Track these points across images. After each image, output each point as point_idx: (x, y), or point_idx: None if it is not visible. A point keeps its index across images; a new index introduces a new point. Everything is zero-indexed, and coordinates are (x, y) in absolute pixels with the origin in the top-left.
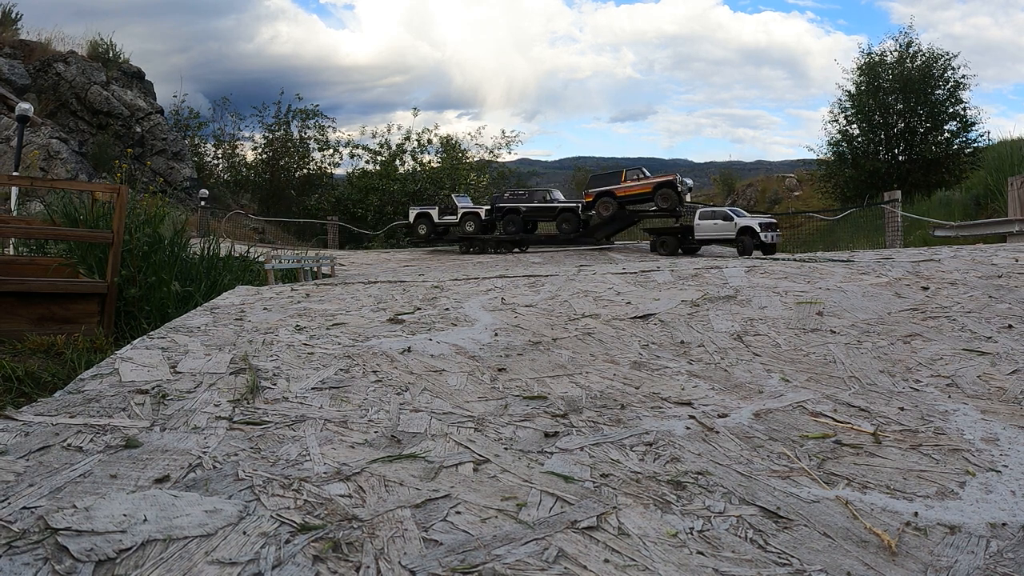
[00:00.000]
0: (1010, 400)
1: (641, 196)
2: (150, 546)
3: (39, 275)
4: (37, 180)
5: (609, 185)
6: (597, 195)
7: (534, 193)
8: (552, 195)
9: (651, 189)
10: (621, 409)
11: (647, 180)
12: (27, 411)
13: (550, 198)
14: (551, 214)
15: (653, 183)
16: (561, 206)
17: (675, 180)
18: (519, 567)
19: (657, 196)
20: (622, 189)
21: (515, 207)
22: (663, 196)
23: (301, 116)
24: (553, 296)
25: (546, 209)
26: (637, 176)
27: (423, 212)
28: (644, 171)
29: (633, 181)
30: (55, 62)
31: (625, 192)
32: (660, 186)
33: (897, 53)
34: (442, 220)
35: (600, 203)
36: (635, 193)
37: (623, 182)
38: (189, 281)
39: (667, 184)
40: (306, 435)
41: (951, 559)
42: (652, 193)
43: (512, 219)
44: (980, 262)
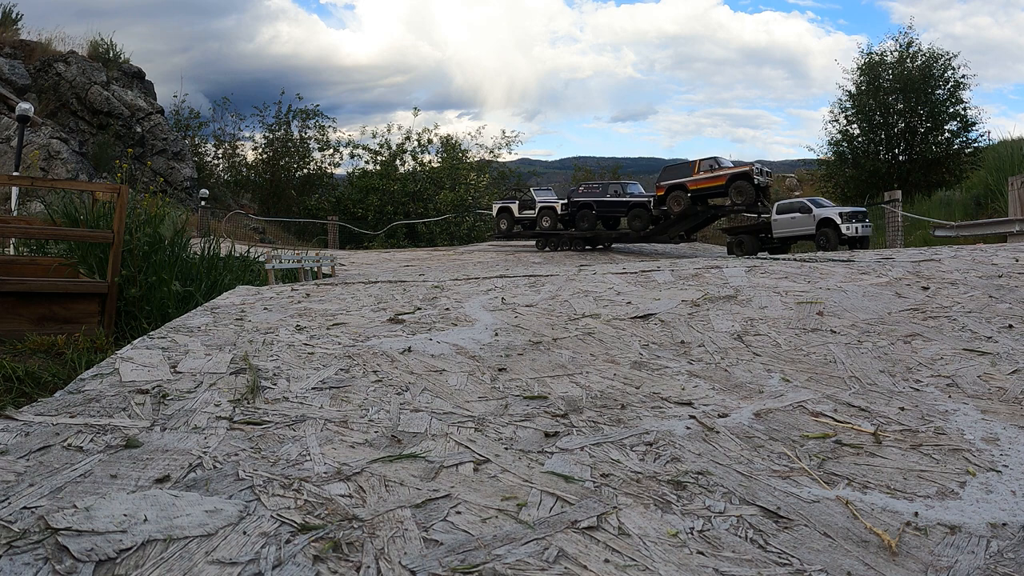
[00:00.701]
0: (1010, 400)
1: (715, 190)
2: (150, 546)
3: (40, 275)
4: (37, 180)
5: (681, 177)
6: (668, 188)
7: (608, 186)
8: (627, 188)
9: (724, 182)
10: (621, 409)
11: (721, 171)
12: (27, 411)
13: (624, 191)
14: (624, 209)
15: (727, 175)
16: (634, 201)
17: (751, 171)
18: (519, 567)
19: (731, 190)
20: (694, 182)
21: (588, 202)
22: (737, 190)
23: (301, 116)
24: (553, 296)
25: (619, 204)
26: (711, 167)
27: (504, 207)
28: (719, 161)
29: (706, 172)
30: (55, 62)
31: (697, 185)
32: (734, 178)
33: (897, 53)
34: (522, 215)
35: (671, 197)
36: (708, 186)
37: (695, 174)
38: (189, 281)
39: (742, 176)
40: (306, 435)
41: (951, 559)
42: (726, 186)
43: (585, 215)
44: (980, 262)
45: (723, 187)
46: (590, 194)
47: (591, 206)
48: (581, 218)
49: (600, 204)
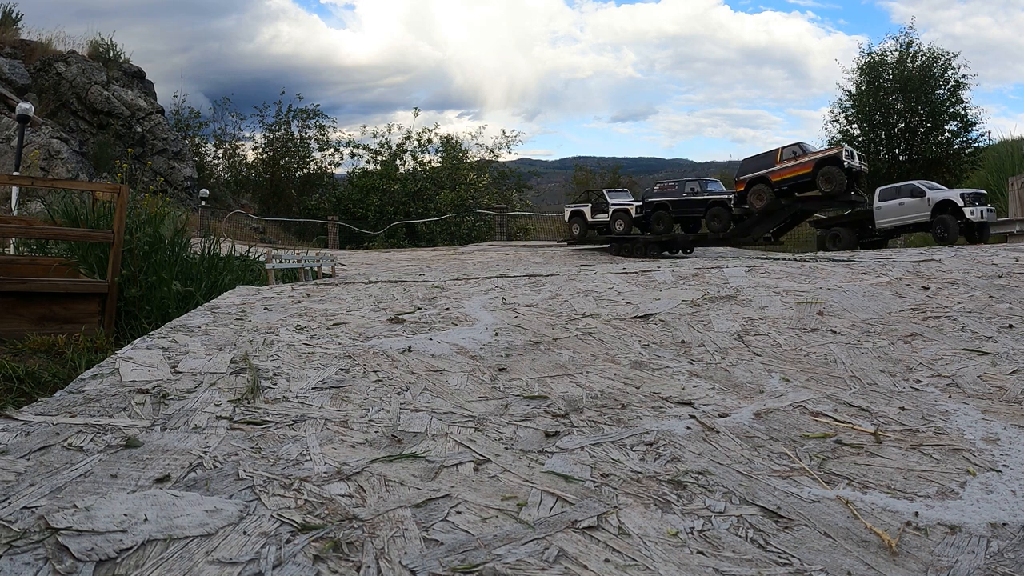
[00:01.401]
0: (1011, 400)
1: (801, 179)
2: (150, 546)
3: (40, 275)
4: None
5: (762, 168)
6: (749, 183)
7: (684, 183)
8: (707, 185)
9: (811, 169)
10: (622, 409)
11: (806, 158)
12: (28, 411)
13: (702, 189)
14: (702, 209)
15: (813, 160)
16: (712, 199)
17: (840, 153)
18: (519, 567)
19: (818, 178)
20: (777, 172)
21: (664, 202)
22: (825, 177)
23: (302, 116)
24: (554, 296)
25: (696, 203)
26: (794, 154)
27: (577, 210)
28: (803, 146)
29: (789, 161)
30: (56, 62)
31: (781, 176)
32: (821, 164)
33: (898, 53)
34: (595, 219)
35: (752, 192)
36: (793, 176)
37: (778, 163)
38: (190, 281)
39: (830, 160)
40: (306, 435)
41: (952, 559)
42: (813, 174)
43: (661, 216)
44: (981, 262)
45: (810, 175)
46: (665, 194)
47: (666, 207)
48: (656, 220)
49: (676, 204)
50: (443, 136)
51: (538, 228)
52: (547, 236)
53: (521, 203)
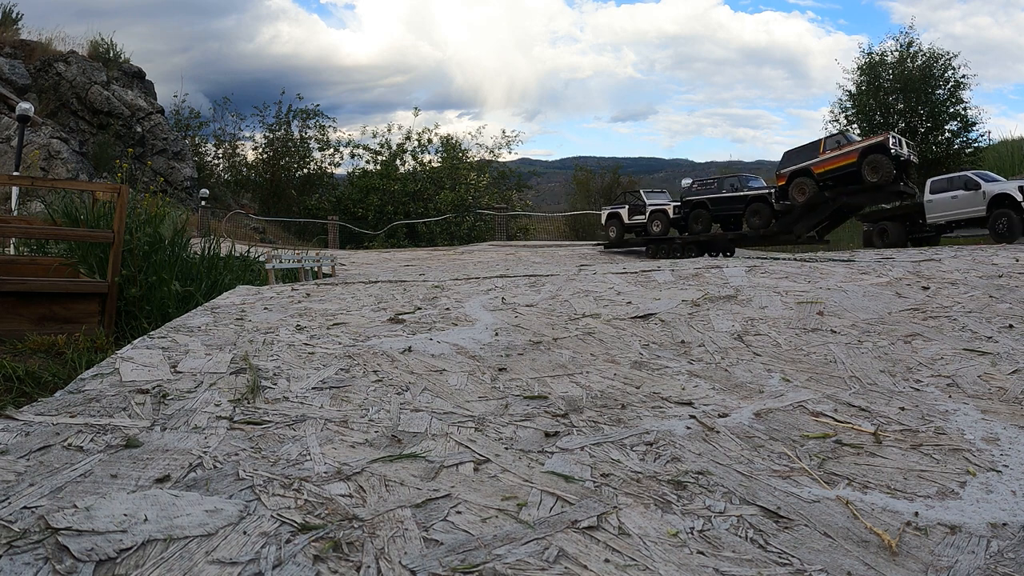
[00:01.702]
0: (1011, 400)
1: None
2: (150, 546)
3: (40, 275)
4: (38, 180)
5: (804, 160)
6: (791, 176)
7: (724, 180)
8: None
9: (856, 158)
10: (622, 409)
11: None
12: (28, 411)
13: (742, 185)
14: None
15: (858, 149)
16: (752, 195)
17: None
18: (519, 567)
19: (864, 167)
20: (821, 163)
21: (702, 200)
22: (872, 166)
23: (302, 116)
24: (554, 296)
25: (736, 200)
26: (838, 143)
27: (614, 212)
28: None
29: (833, 151)
30: (56, 62)
31: (824, 167)
32: (867, 152)
33: (898, 53)
34: (632, 220)
35: (794, 186)
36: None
37: (821, 154)
38: (190, 281)
39: (876, 148)
40: (307, 435)
41: (951, 559)
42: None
43: (699, 215)
44: (981, 262)
45: (855, 165)
46: (704, 191)
47: (705, 205)
48: (695, 219)
49: (715, 202)
50: (443, 136)
51: (538, 228)
52: (547, 236)
53: (521, 203)
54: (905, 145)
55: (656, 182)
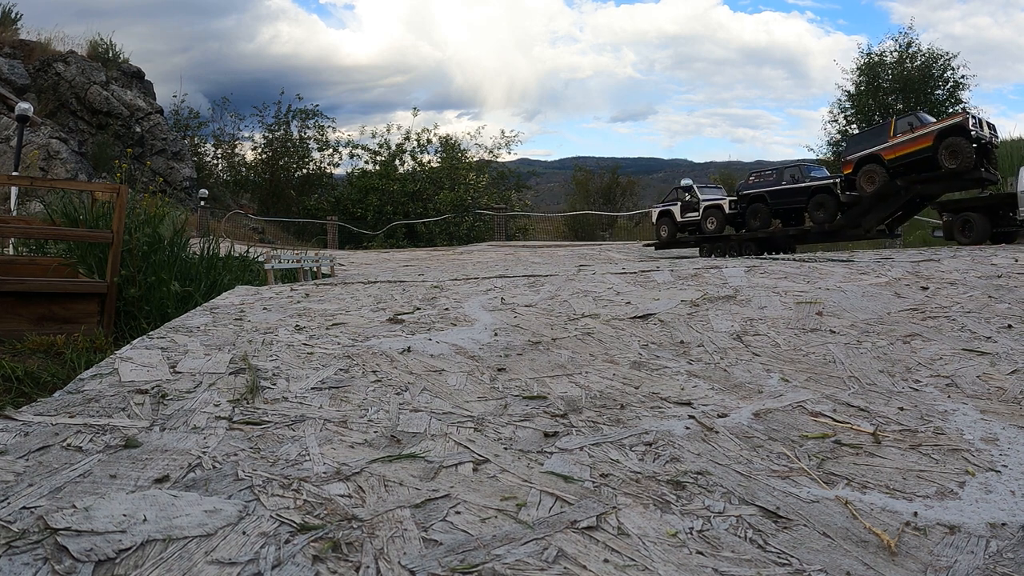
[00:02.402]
0: (1010, 400)
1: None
2: (150, 546)
3: (39, 275)
4: (37, 180)
5: (874, 145)
6: (857, 163)
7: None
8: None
9: (932, 142)
10: (621, 409)
11: (924, 129)
12: (27, 411)
13: (804, 175)
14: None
15: (934, 131)
16: (815, 185)
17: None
18: (519, 567)
19: (941, 152)
20: (891, 148)
21: (760, 193)
22: (951, 150)
23: (301, 116)
24: (553, 296)
25: (797, 192)
26: (910, 125)
27: (665, 210)
28: (920, 117)
29: (905, 134)
30: (55, 62)
31: (895, 153)
32: (943, 135)
33: (897, 53)
34: (686, 218)
35: (863, 174)
36: (910, 152)
37: (891, 137)
38: (189, 281)
39: (955, 130)
40: (306, 435)
41: (951, 559)
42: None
43: (757, 210)
44: (980, 262)
45: (931, 149)
46: (762, 184)
47: (763, 198)
48: (752, 215)
49: (774, 195)
50: (442, 136)
51: (537, 228)
52: (546, 236)
53: (520, 203)
54: (986, 126)
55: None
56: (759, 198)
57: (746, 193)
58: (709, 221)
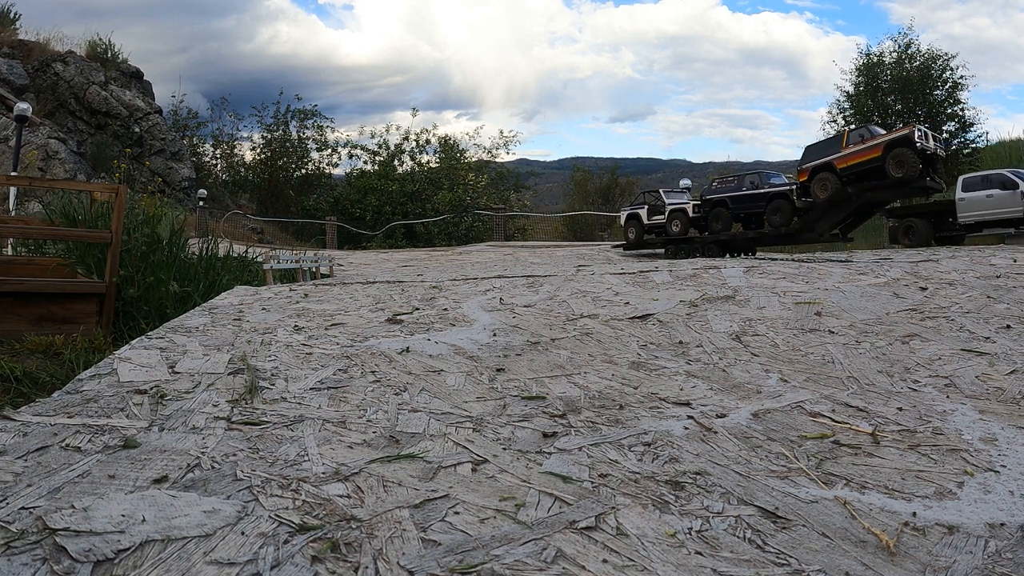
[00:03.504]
0: (1008, 400)
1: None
2: (148, 546)
3: (38, 275)
4: (35, 180)
5: (827, 155)
6: (812, 171)
7: (744, 178)
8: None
9: (881, 152)
10: (619, 409)
11: (874, 140)
12: (25, 411)
13: (763, 182)
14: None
15: (883, 143)
16: (773, 192)
17: (912, 135)
18: (518, 567)
19: (888, 161)
20: (844, 158)
21: (722, 198)
22: (897, 160)
23: (300, 116)
24: (551, 296)
25: (756, 198)
26: (862, 137)
27: (633, 213)
28: (871, 129)
29: (857, 145)
30: (53, 62)
31: (847, 162)
32: (892, 146)
33: (896, 54)
34: (652, 221)
35: (816, 182)
36: (860, 162)
37: (844, 148)
38: (187, 281)
39: (902, 141)
40: (304, 435)
41: (950, 559)
42: (882, 158)
43: (719, 214)
44: (978, 262)
45: (880, 160)
46: (724, 190)
47: (725, 203)
48: (715, 218)
49: (735, 200)
50: (441, 136)
51: (536, 228)
52: (545, 236)
53: (519, 204)
54: (932, 138)
55: (654, 182)
56: (721, 203)
57: (709, 198)
58: (674, 224)
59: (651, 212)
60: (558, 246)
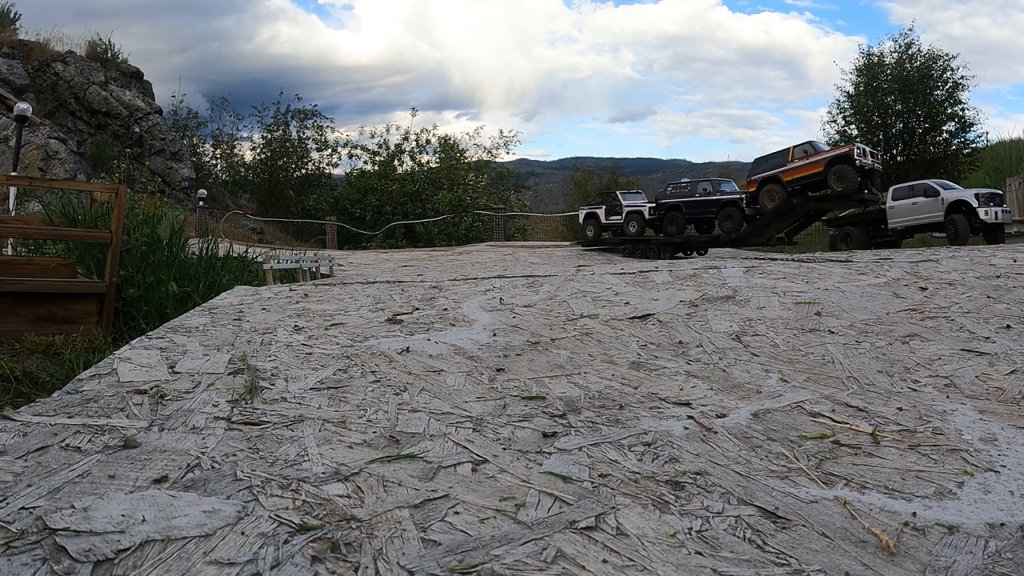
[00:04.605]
0: (1008, 400)
1: (813, 179)
2: (148, 546)
3: (38, 275)
4: (35, 180)
5: (773, 168)
6: (760, 183)
7: (697, 184)
8: (719, 186)
9: (822, 168)
10: (619, 409)
11: (818, 156)
12: (25, 411)
13: (715, 190)
14: (715, 210)
15: (825, 159)
16: (724, 199)
17: (851, 152)
18: (518, 567)
19: (830, 177)
20: (789, 172)
21: (676, 203)
22: (837, 176)
23: (300, 116)
24: (551, 296)
25: (709, 204)
26: (805, 152)
27: (591, 212)
28: (814, 145)
29: (801, 160)
30: (54, 62)
31: (792, 175)
32: (833, 162)
33: (896, 54)
34: (609, 220)
35: (764, 192)
36: (805, 175)
37: (789, 162)
38: (187, 281)
39: (841, 159)
40: (304, 435)
41: (949, 559)
42: (824, 173)
43: (674, 217)
44: (978, 262)
45: (822, 174)
46: (678, 195)
47: (679, 208)
48: (669, 221)
49: (689, 205)
50: (441, 136)
51: (536, 228)
52: (545, 236)
53: (519, 204)
54: (869, 155)
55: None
56: (675, 207)
57: (664, 202)
58: (631, 224)
59: (608, 212)
60: (558, 246)
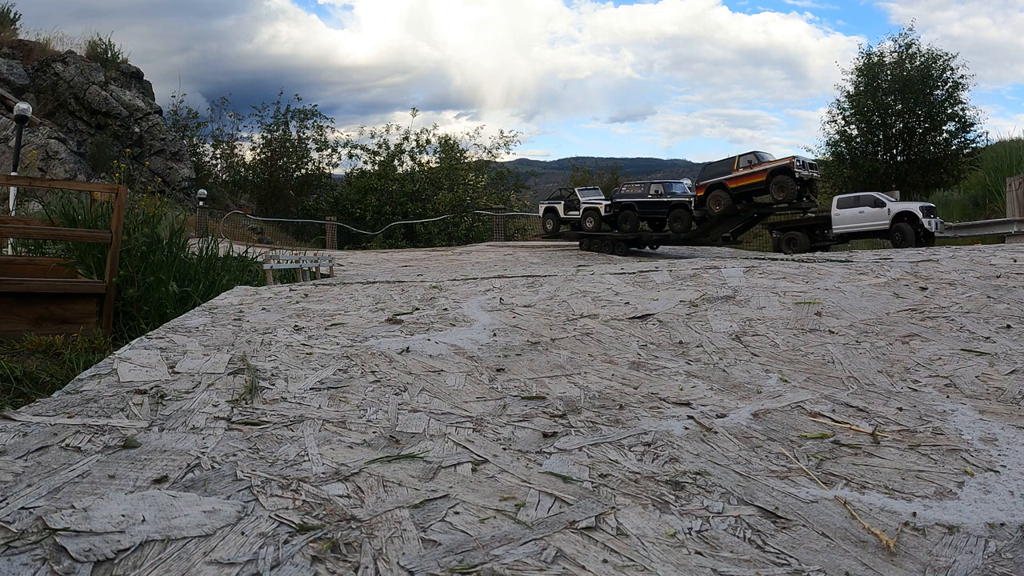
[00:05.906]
0: (1008, 400)
1: (756, 187)
2: (148, 546)
3: (37, 275)
4: (35, 180)
5: (720, 175)
6: (708, 188)
7: (650, 185)
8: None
9: (764, 178)
10: (620, 409)
11: (760, 167)
12: (25, 411)
13: (666, 191)
14: (665, 210)
15: (767, 169)
16: (675, 201)
17: (791, 164)
18: (518, 567)
19: (771, 187)
20: (734, 179)
21: (630, 202)
22: (778, 186)
23: (300, 116)
24: (551, 296)
25: (660, 204)
26: (750, 162)
27: (550, 207)
28: (759, 156)
29: (745, 169)
30: (53, 62)
31: (738, 183)
32: (774, 173)
33: (896, 54)
34: (567, 215)
35: (711, 197)
36: (749, 184)
37: (735, 171)
38: (187, 281)
39: (782, 171)
40: (304, 435)
41: (949, 559)
42: (766, 183)
43: (627, 216)
44: (978, 262)
45: (764, 183)
46: (632, 194)
47: (633, 207)
48: (623, 219)
49: (641, 204)
50: (441, 137)
51: (536, 228)
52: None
53: (519, 204)
54: (808, 166)
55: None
56: (629, 206)
57: (618, 201)
58: (588, 220)
59: (567, 207)
60: (558, 247)
